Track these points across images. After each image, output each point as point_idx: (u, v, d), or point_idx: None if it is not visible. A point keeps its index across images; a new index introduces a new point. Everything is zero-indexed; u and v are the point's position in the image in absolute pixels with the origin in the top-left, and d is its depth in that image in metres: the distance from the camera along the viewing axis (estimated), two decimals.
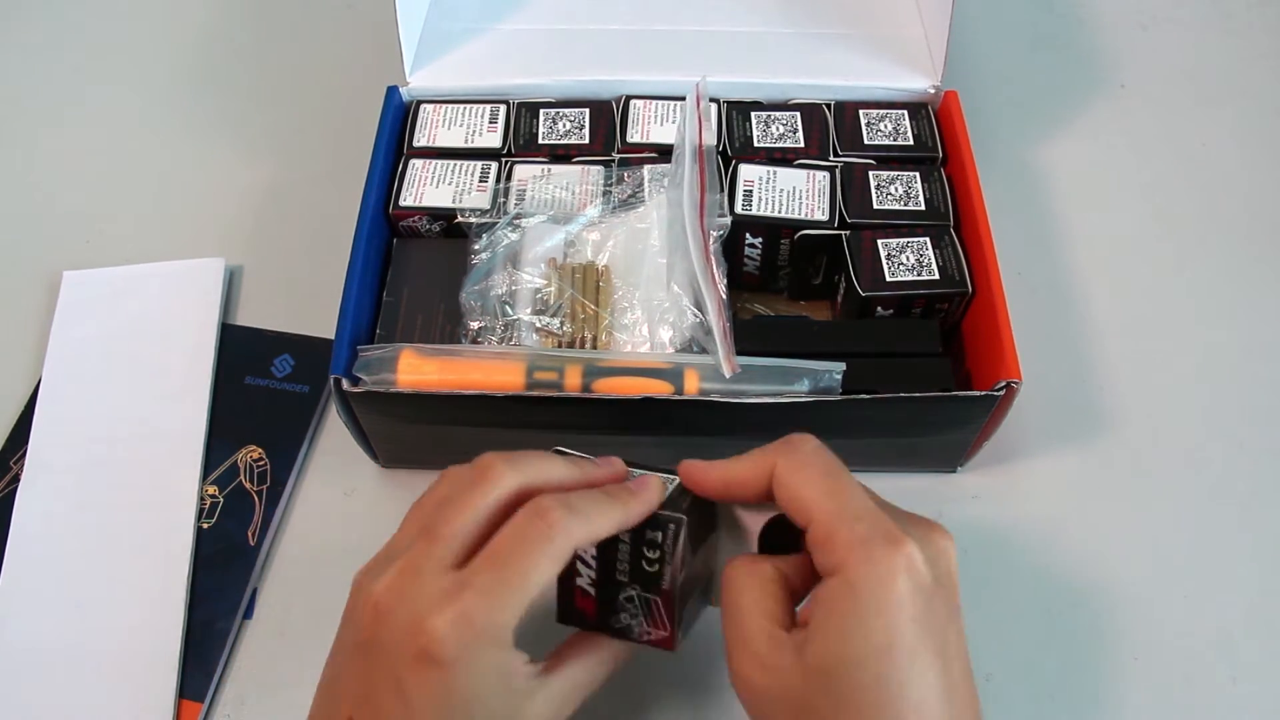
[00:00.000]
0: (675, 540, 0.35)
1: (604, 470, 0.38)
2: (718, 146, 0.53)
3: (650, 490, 0.36)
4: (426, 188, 0.52)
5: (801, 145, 0.54)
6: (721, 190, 0.51)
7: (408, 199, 0.52)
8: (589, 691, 0.36)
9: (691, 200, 0.49)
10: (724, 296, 0.47)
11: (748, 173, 0.52)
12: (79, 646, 0.46)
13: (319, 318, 0.52)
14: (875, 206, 0.51)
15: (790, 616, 0.34)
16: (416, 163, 0.53)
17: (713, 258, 0.48)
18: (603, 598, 0.37)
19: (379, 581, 0.33)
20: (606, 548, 0.36)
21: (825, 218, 0.51)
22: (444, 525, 0.33)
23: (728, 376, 0.44)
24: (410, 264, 0.52)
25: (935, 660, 0.31)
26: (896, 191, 0.52)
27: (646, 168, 0.52)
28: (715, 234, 0.48)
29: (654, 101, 0.56)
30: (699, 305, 0.47)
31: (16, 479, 0.51)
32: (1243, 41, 0.69)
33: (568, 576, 0.37)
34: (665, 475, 0.38)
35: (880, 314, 0.49)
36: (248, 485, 0.51)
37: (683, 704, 0.45)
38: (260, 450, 0.52)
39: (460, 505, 0.34)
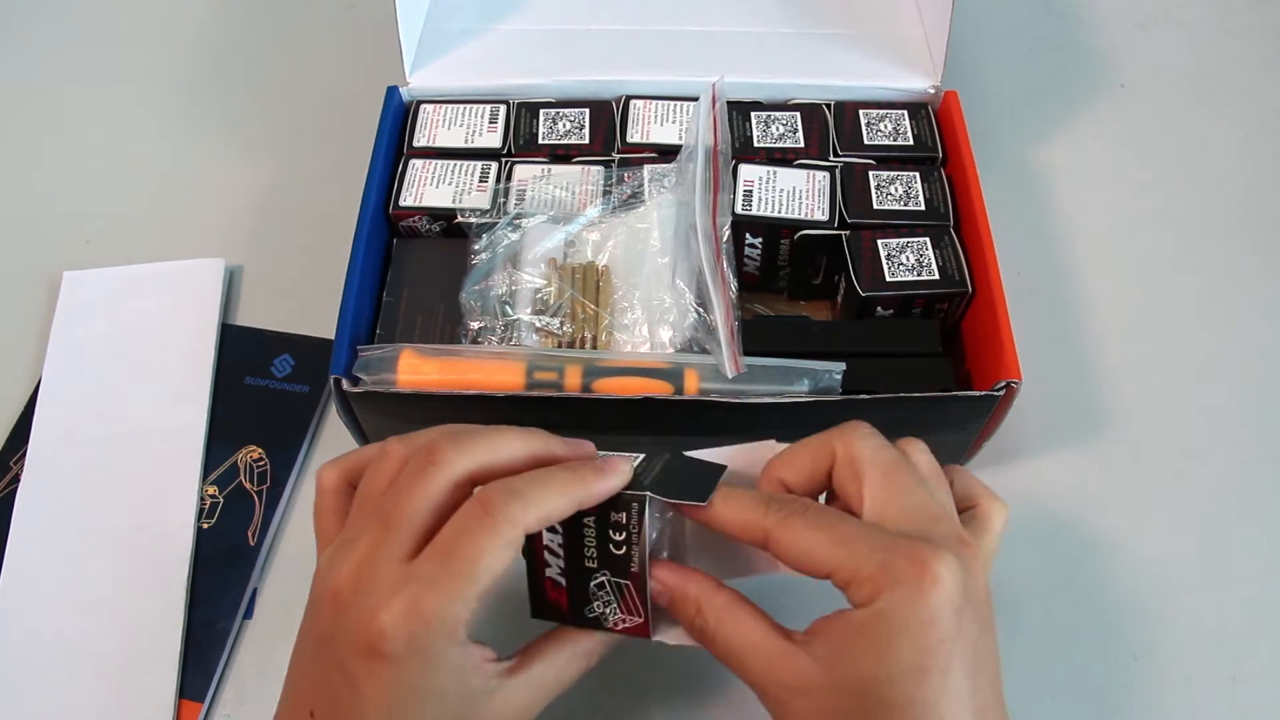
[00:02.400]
0: (640, 519, 0.34)
1: (566, 447, 0.36)
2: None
3: (615, 468, 0.35)
4: (426, 188, 0.52)
5: (801, 145, 0.54)
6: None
7: (408, 199, 0.52)
8: (558, 690, 0.35)
9: (704, 201, 0.49)
10: (734, 297, 0.47)
11: (748, 173, 0.52)
12: (79, 646, 0.46)
13: (319, 318, 0.52)
14: (875, 206, 0.51)
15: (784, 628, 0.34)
16: (416, 163, 0.53)
17: (724, 258, 0.48)
18: (573, 587, 0.36)
19: (337, 572, 0.33)
20: (572, 534, 0.35)
21: (825, 218, 0.51)
22: (396, 513, 0.33)
23: (731, 377, 0.44)
24: (410, 264, 0.52)
25: (966, 680, 0.31)
26: (896, 191, 0.52)
27: (647, 168, 0.52)
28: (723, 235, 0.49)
29: (654, 101, 0.56)
30: (703, 304, 0.47)
31: (16, 479, 0.51)
32: (1243, 42, 0.69)
33: (537, 569, 0.36)
34: (635, 455, 0.37)
35: (880, 314, 0.49)
36: (248, 485, 0.51)
37: (685, 702, 0.45)
38: (260, 450, 0.52)
39: (409, 491, 0.33)
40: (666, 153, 0.53)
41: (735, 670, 0.34)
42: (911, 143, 0.54)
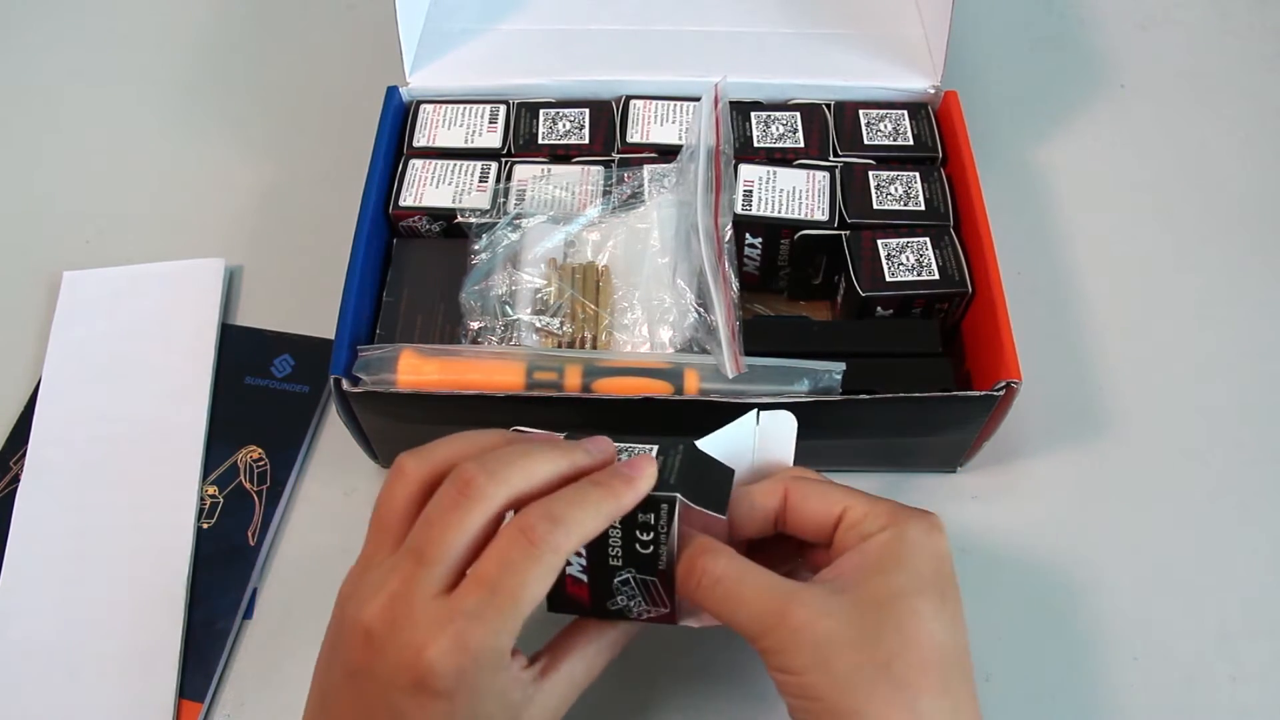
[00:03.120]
0: (670, 521, 0.34)
1: (592, 458, 0.36)
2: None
3: (642, 472, 0.35)
4: (426, 188, 0.52)
5: (801, 145, 0.54)
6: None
7: (408, 199, 0.52)
8: (588, 682, 0.36)
9: (706, 201, 0.49)
10: (736, 298, 0.47)
11: (747, 173, 0.52)
12: (79, 646, 0.46)
13: (319, 318, 0.52)
14: (875, 206, 0.51)
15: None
16: (416, 163, 0.53)
17: (726, 258, 0.48)
18: (596, 583, 0.36)
19: (368, 607, 0.32)
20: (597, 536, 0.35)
21: (825, 218, 0.51)
22: (431, 547, 0.32)
23: (732, 377, 0.44)
24: (410, 264, 0.52)
25: (958, 606, 0.35)
26: (896, 191, 0.52)
27: (646, 168, 0.52)
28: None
29: (654, 101, 0.56)
30: (704, 304, 0.47)
31: (16, 479, 0.51)
32: (1242, 42, 0.69)
33: None
34: (648, 447, 0.37)
35: (880, 314, 0.49)
36: (248, 485, 0.51)
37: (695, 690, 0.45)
38: (260, 450, 0.52)
39: (446, 525, 0.33)
40: (666, 153, 0.53)
41: (745, 623, 0.34)
42: (911, 143, 0.54)
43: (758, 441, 0.40)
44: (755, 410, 0.39)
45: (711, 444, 0.38)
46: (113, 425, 0.52)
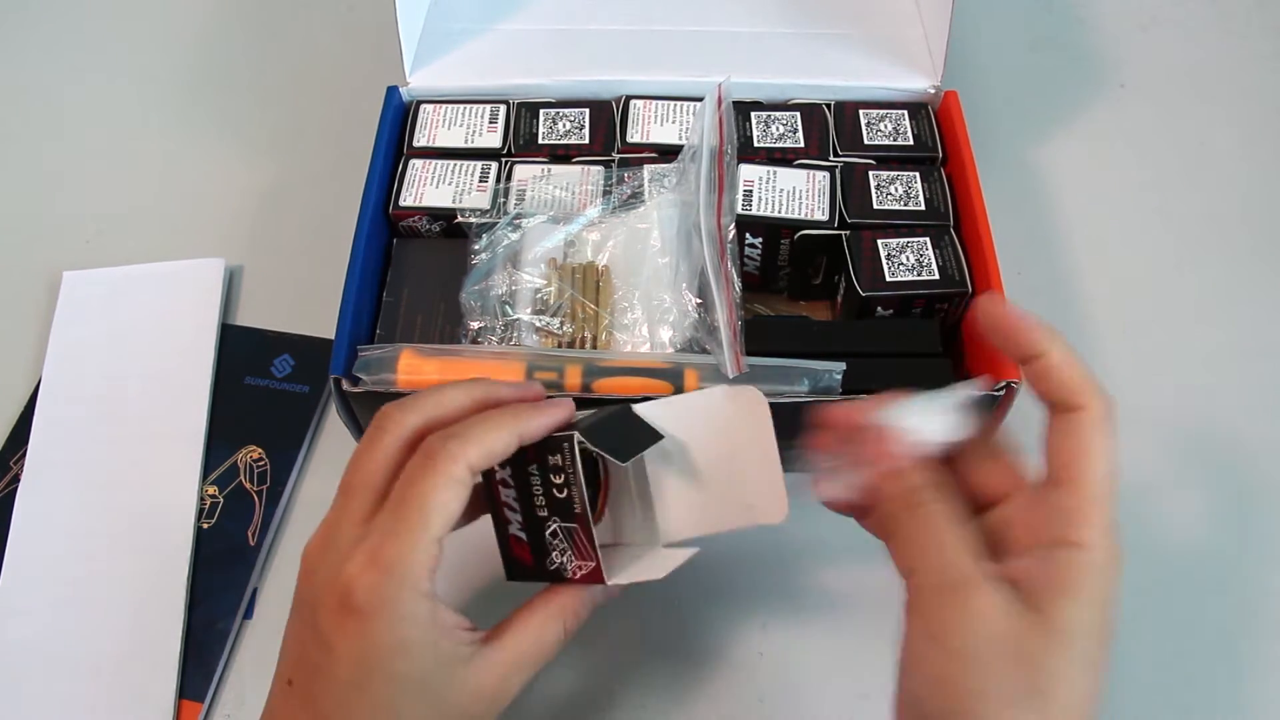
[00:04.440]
0: (572, 458, 0.34)
1: (511, 390, 0.37)
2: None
3: (555, 406, 0.36)
4: (426, 188, 0.52)
5: (801, 145, 0.54)
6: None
7: (408, 199, 0.52)
8: (539, 659, 0.35)
9: (708, 201, 0.49)
10: (738, 298, 0.47)
11: (747, 173, 0.52)
12: (79, 646, 0.46)
13: (319, 318, 0.52)
14: (875, 206, 0.51)
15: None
16: (416, 163, 0.53)
17: (728, 258, 0.48)
18: (533, 541, 0.36)
19: (309, 543, 0.35)
20: (522, 485, 0.36)
21: (825, 218, 0.51)
22: (352, 479, 0.34)
23: (733, 377, 0.44)
24: (410, 264, 0.52)
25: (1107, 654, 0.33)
26: (896, 191, 0.52)
27: (647, 168, 0.52)
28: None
29: (654, 101, 0.56)
30: (704, 304, 0.47)
31: (16, 479, 0.51)
32: (1242, 42, 0.69)
33: (502, 526, 0.37)
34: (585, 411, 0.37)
35: (880, 314, 0.49)
36: (248, 485, 0.51)
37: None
38: (260, 450, 0.52)
39: (363, 456, 0.35)
40: (666, 153, 0.53)
41: (926, 564, 0.33)
42: (911, 143, 0.54)
43: (724, 420, 0.39)
44: (719, 387, 0.39)
45: (654, 410, 0.39)
46: (112, 425, 0.52)
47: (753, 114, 0.55)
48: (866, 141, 0.54)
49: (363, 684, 0.32)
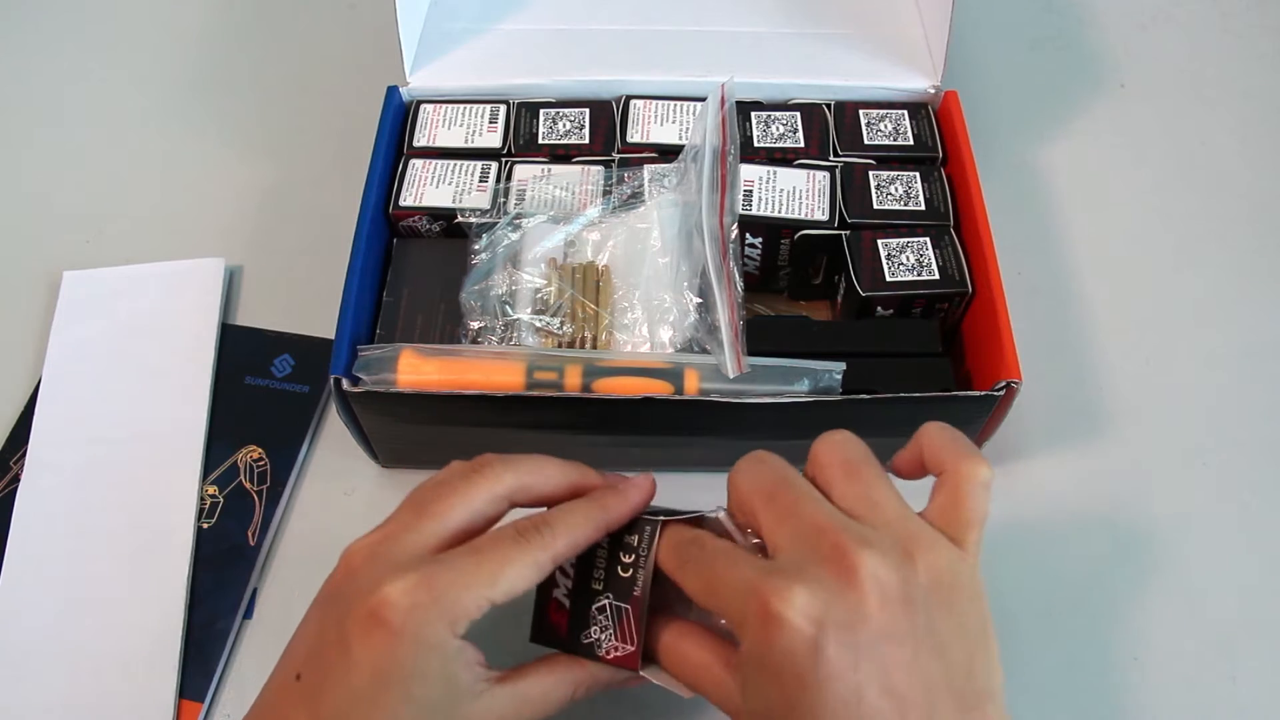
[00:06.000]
0: (651, 543, 0.35)
1: (603, 479, 0.38)
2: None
3: (637, 489, 0.36)
4: (426, 188, 0.52)
5: (801, 145, 0.54)
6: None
7: (408, 199, 0.52)
8: (542, 712, 0.35)
9: (710, 201, 0.49)
10: (739, 298, 0.47)
11: (748, 173, 0.52)
12: (79, 646, 0.46)
13: (319, 318, 0.52)
14: (875, 206, 0.51)
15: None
16: (416, 163, 0.53)
17: (730, 258, 0.48)
18: (576, 610, 0.37)
19: (360, 542, 0.34)
20: (586, 555, 0.36)
21: (825, 218, 0.51)
22: (433, 505, 0.34)
23: (733, 377, 0.44)
24: (410, 264, 0.52)
25: (855, 693, 0.29)
26: (896, 191, 0.52)
27: (647, 168, 0.52)
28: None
29: (654, 101, 0.56)
30: (705, 304, 0.47)
31: (16, 479, 0.51)
32: (1242, 41, 0.69)
33: (546, 587, 0.37)
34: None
35: (880, 314, 0.49)
36: (248, 485, 0.51)
37: None
38: (260, 450, 0.52)
39: (453, 491, 0.35)
40: (667, 153, 0.53)
41: (725, 603, 0.33)
42: (911, 143, 0.54)
43: None
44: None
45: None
46: (112, 425, 0.52)
47: (753, 114, 0.55)
48: (866, 141, 0.54)
49: (376, 697, 0.31)
